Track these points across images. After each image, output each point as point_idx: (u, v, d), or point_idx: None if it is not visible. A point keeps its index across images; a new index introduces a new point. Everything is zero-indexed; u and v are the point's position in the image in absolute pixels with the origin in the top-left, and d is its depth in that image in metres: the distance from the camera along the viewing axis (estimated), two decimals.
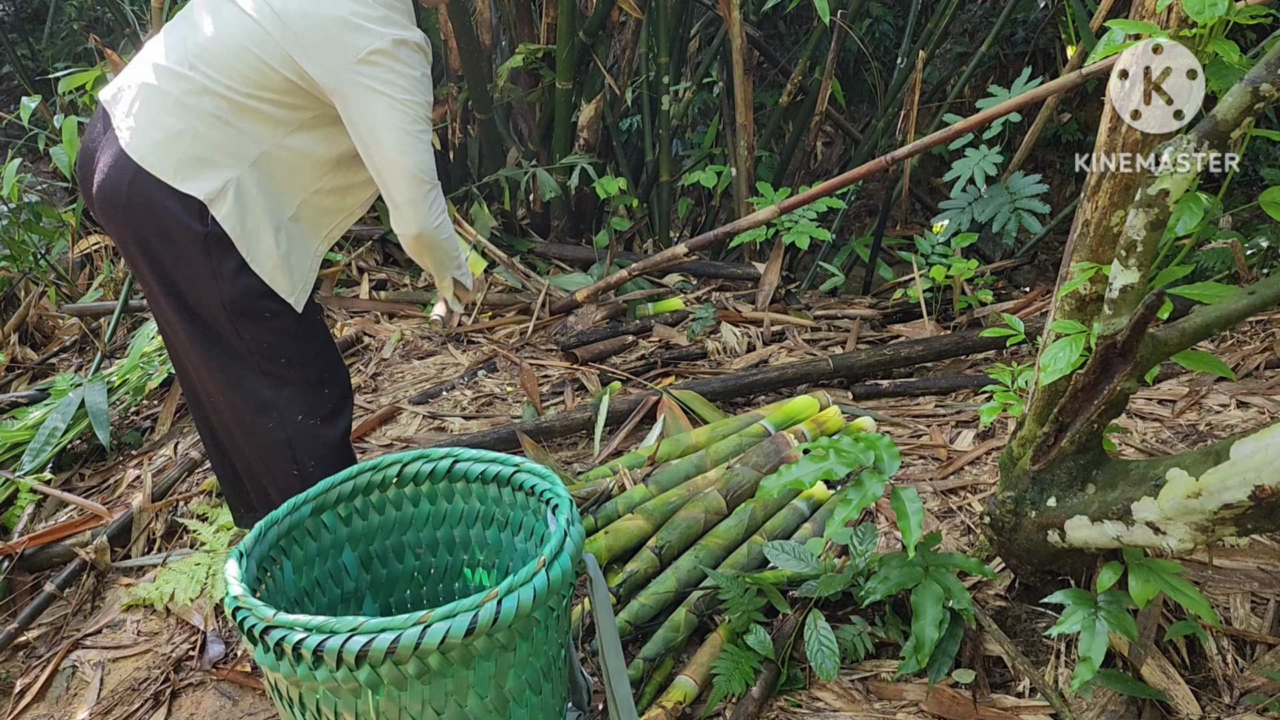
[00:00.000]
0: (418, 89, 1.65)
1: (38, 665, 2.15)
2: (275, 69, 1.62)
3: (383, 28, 1.60)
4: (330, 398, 1.88)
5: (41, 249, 4.03)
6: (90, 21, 6.25)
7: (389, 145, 1.65)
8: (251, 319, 1.74)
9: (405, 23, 1.66)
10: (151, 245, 1.71)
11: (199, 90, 1.64)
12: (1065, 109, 4.79)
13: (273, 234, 1.71)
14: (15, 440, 2.91)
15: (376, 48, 1.59)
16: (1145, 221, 1.20)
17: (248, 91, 1.64)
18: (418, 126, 1.66)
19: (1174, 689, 1.49)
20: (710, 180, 3.98)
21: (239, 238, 1.68)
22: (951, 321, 3.40)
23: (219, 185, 1.65)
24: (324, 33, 1.59)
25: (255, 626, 1.14)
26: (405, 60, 1.62)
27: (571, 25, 3.60)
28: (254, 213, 1.68)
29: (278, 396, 1.81)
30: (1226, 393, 2.39)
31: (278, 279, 1.73)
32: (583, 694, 1.53)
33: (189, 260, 1.69)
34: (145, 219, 1.68)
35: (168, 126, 1.65)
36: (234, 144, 1.66)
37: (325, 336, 1.89)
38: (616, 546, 2.00)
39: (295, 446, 1.83)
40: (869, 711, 1.59)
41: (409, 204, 1.70)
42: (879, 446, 1.56)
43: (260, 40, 1.61)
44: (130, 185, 1.66)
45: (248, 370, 1.79)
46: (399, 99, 1.62)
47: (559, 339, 3.31)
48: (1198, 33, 1.25)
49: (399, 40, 1.61)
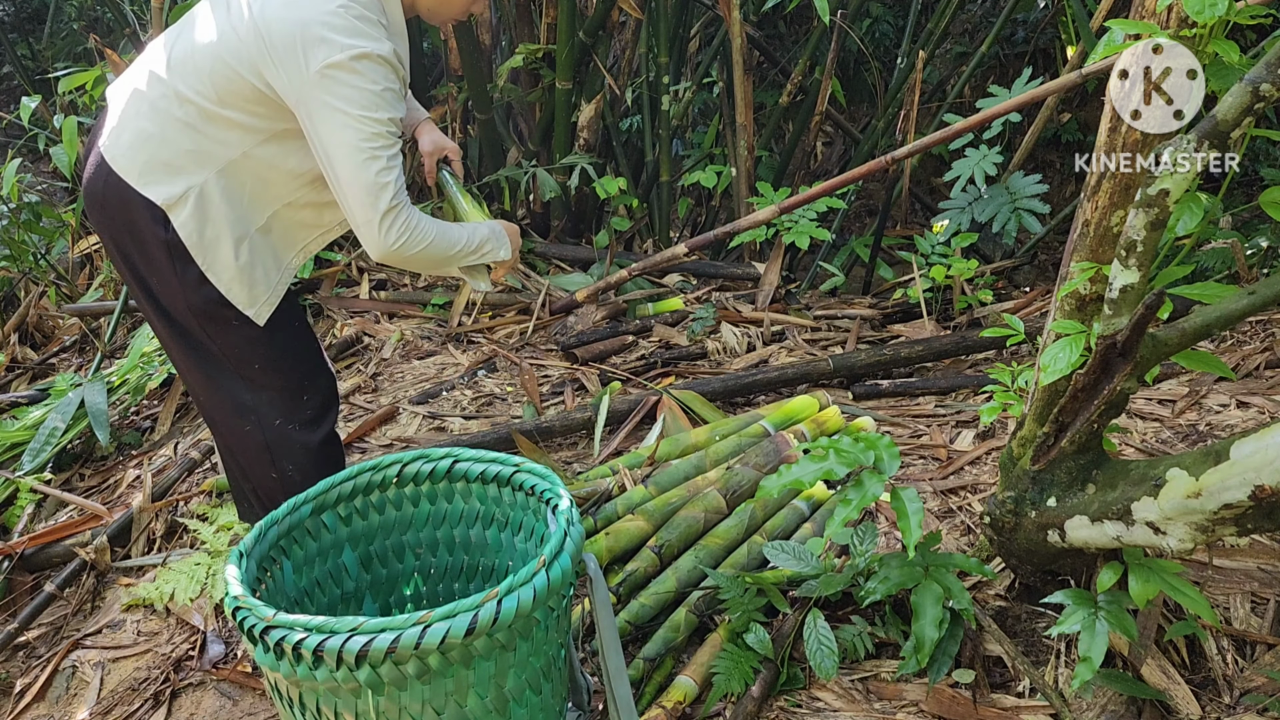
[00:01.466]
0: (376, 105, 1.56)
1: (38, 665, 2.15)
2: (244, 77, 1.58)
3: (345, 38, 1.53)
4: (310, 404, 1.85)
5: (41, 249, 4.03)
6: (90, 21, 6.25)
7: (341, 163, 1.58)
8: (219, 325, 1.72)
9: (375, 34, 1.57)
10: (126, 246, 1.70)
11: (172, 95, 1.63)
12: (1065, 109, 4.79)
13: (233, 245, 1.67)
14: (15, 440, 2.91)
15: (333, 61, 1.52)
16: (1145, 221, 1.20)
17: (218, 99, 1.61)
18: (375, 144, 1.57)
19: (1174, 689, 1.49)
20: (710, 180, 3.98)
21: (194, 245, 1.65)
22: (951, 321, 3.40)
23: (180, 191, 1.62)
24: (290, 40, 1.54)
25: (255, 626, 1.14)
26: (364, 74, 1.54)
27: (571, 25, 3.60)
28: (214, 221, 1.65)
29: (256, 400, 1.79)
30: (1226, 393, 2.39)
31: (235, 290, 1.70)
32: (583, 694, 1.53)
33: (157, 264, 1.68)
34: (119, 220, 1.67)
35: (139, 130, 1.64)
36: (201, 150, 1.63)
37: (303, 342, 1.86)
38: (617, 547, 2.00)
39: (274, 450, 1.82)
40: (869, 711, 1.59)
41: (365, 225, 1.62)
42: (879, 446, 1.56)
43: (234, 47, 1.58)
44: (105, 185, 1.66)
45: (225, 373, 1.78)
46: (354, 114, 1.54)
47: (559, 339, 3.31)
48: (1198, 33, 1.25)
49: (360, 54, 1.53)
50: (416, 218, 1.66)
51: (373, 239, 1.63)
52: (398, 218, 1.62)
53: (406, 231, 1.63)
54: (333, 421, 1.92)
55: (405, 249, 1.65)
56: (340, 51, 1.52)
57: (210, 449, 2.73)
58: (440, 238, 1.70)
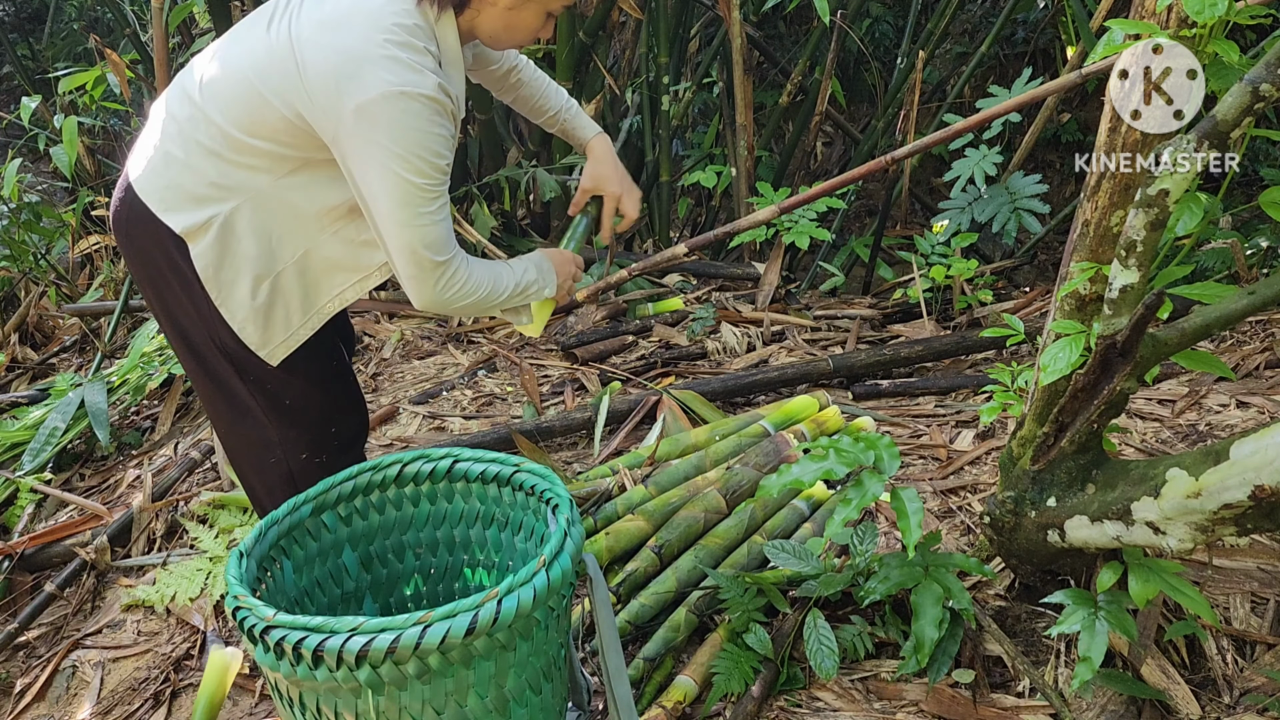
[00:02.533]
0: (417, 151, 1.40)
1: (38, 665, 2.15)
2: (275, 106, 1.43)
3: (385, 73, 1.36)
4: (338, 435, 1.74)
5: (41, 249, 4.03)
6: (90, 21, 6.25)
7: (381, 217, 1.45)
8: (244, 363, 1.60)
9: (420, 67, 1.39)
10: (150, 274, 1.59)
11: (201, 119, 1.49)
12: (1065, 109, 4.79)
13: (251, 282, 1.53)
14: (15, 440, 2.91)
15: (369, 98, 1.36)
16: (1145, 221, 1.20)
17: (247, 128, 1.46)
18: (417, 198, 1.42)
19: (1174, 689, 1.49)
20: (710, 180, 3.98)
21: (209, 279, 1.52)
22: (951, 321, 3.40)
23: (201, 220, 1.49)
24: (326, 72, 1.38)
25: (255, 626, 1.14)
26: (405, 115, 1.37)
27: (571, 25, 3.60)
28: (234, 255, 1.51)
29: (282, 437, 1.67)
30: (1226, 393, 2.39)
31: (248, 330, 1.56)
32: (583, 694, 1.53)
33: (180, 295, 1.57)
34: (142, 243, 1.56)
35: (166, 153, 1.52)
36: (225, 178, 1.49)
37: (336, 381, 1.73)
38: (617, 547, 2.00)
39: (298, 481, 1.68)
40: (869, 711, 1.59)
41: (409, 280, 1.50)
42: (879, 446, 1.56)
43: (265, 73, 1.43)
44: (128, 207, 1.56)
45: (249, 411, 1.65)
46: (393, 164, 1.39)
47: (559, 339, 3.31)
48: (1198, 33, 1.25)
49: (399, 92, 1.36)
50: (465, 270, 1.54)
51: (419, 293, 1.52)
52: (444, 272, 1.51)
53: (454, 285, 1.53)
54: (360, 452, 1.81)
55: (452, 302, 1.55)
56: (378, 89, 1.36)
57: (210, 449, 2.73)
58: (491, 288, 1.59)
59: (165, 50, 3.12)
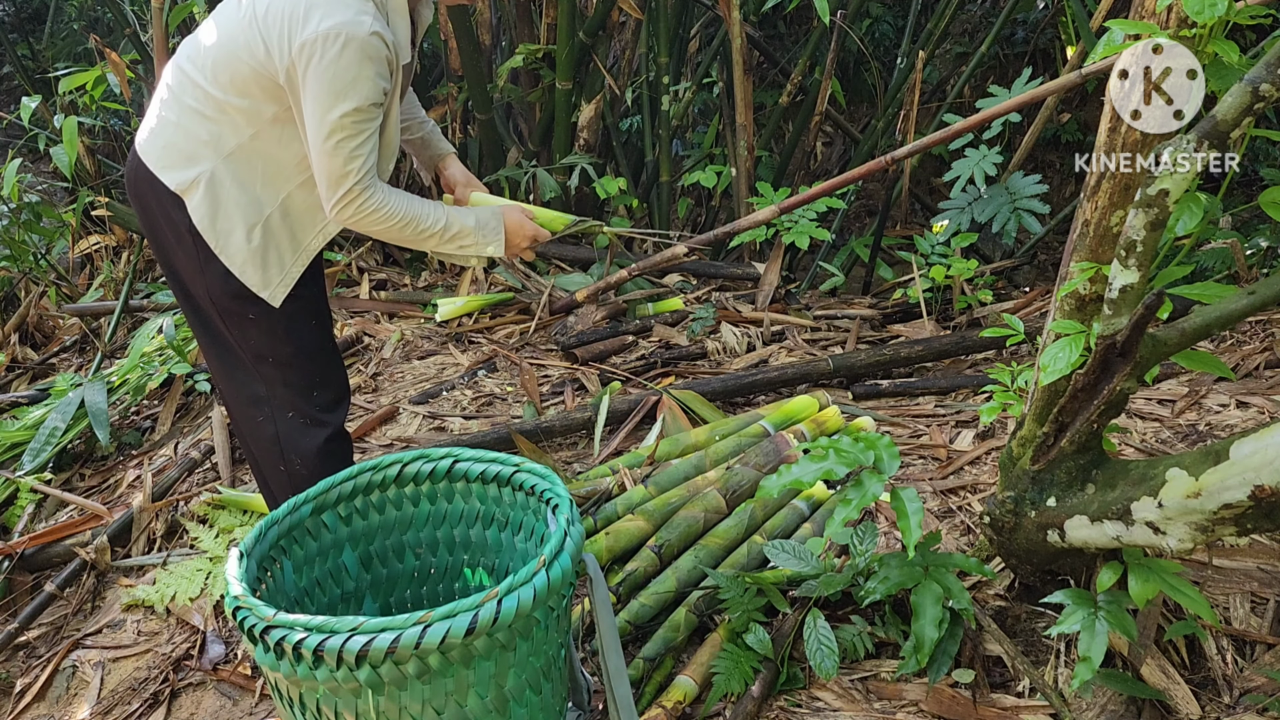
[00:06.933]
0: (348, 89, 1.55)
1: (38, 665, 2.15)
2: (243, 60, 1.61)
3: (326, 15, 1.52)
4: (320, 400, 1.88)
5: (41, 249, 4.03)
6: (90, 21, 6.25)
7: (311, 144, 1.61)
8: (236, 318, 1.76)
9: (356, 9, 1.55)
10: (155, 233, 1.78)
11: (189, 84, 1.68)
12: (1065, 109, 4.79)
13: (245, 229, 1.70)
14: (15, 440, 2.91)
15: (310, 37, 1.52)
16: (1145, 221, 1.20)
17: (226, 86, 1.64)
18: (342, 132, 1.57)
19: (1174, 689, 1.49)
20: (710, 180, 3.98)
21: (207, 230, 1.69)
22: (951, 321, 3.40)
23: (192, 176, 1.67)
24: (281, 11, 1.56)
25: (255, 626, 1.14)
26: (341, 54, 1.53)
27: (571, 25, 3.60)
28: (226, 206, 1.69)
29: (269, 392, 1.83)
30: (1226, 393, 2.39)
31: (249, 273, 1.73)
32: (583, 694, 1.53)
33: (181, 251, 1.74)
34: (147, 201, 1.74)
35: (162, 118, 1.72)
36: (213, 137, 1.67)
37: (318, 341, 1.87)
38: (616, 547, 2.00)
39: (283, 443, 1.85)
40: (869, 711, 1.59)
41: (326, 199, 1.66)
42: (879, 446, 1.56)
43: (235, 31, 1.62)
44: (134, 170, 1.75)
45: (240, 364, 1.83)
46: (325, 98, 1.55)
47: (559, 339, 3.31)
48: (1198, 33, 1.25)
49: (334, 33, 1.52)
50: (381, 198, 1.67)
51: (331, 210, 1.68)
52: (357, 196, 1.65)
53: (366, 209, 1.67)
54: (341, 419, 1.94)
55: (364, 224, 1.70)
56: (318, 27, 1.52)
57: (210, 449, 2.73)
58: (405, 220, 1.71)
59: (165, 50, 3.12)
